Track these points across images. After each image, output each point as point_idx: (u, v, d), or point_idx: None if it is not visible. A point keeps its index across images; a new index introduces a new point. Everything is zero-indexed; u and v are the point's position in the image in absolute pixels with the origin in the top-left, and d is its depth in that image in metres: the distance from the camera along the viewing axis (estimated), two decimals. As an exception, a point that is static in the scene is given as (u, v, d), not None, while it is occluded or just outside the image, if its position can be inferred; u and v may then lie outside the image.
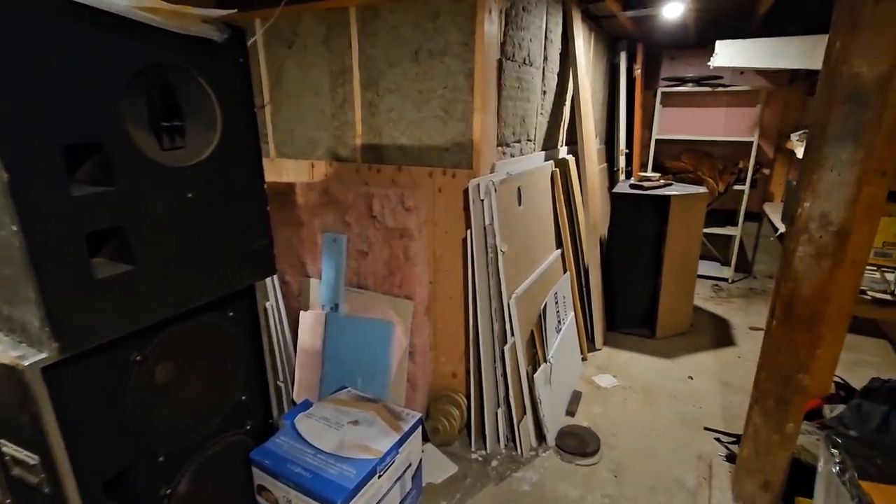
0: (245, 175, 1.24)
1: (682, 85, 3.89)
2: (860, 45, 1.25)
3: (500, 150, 2.03)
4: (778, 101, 3.88)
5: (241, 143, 1.21)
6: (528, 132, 2.32)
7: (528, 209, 2.20)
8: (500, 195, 1.89)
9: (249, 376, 1.46)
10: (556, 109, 2.68)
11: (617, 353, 2.89)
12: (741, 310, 3.57)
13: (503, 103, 1.97)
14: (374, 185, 2.05)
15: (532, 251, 2.24)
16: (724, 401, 2.43)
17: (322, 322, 2.06)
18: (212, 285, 1.20)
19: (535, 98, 2.31)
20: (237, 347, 1.39)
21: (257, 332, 1.46)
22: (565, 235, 2.64)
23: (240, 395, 1.43)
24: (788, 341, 1.52)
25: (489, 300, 1.92)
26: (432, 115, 1.88)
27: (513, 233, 2.02)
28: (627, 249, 3.03)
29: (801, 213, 1.41)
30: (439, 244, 1.98)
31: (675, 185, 3.19)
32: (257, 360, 1.48)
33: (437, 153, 1.92)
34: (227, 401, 1.39)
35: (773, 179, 4.07)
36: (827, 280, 1.42)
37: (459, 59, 1.78)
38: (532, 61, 2.19)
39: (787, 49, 2.88)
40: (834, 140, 1.33)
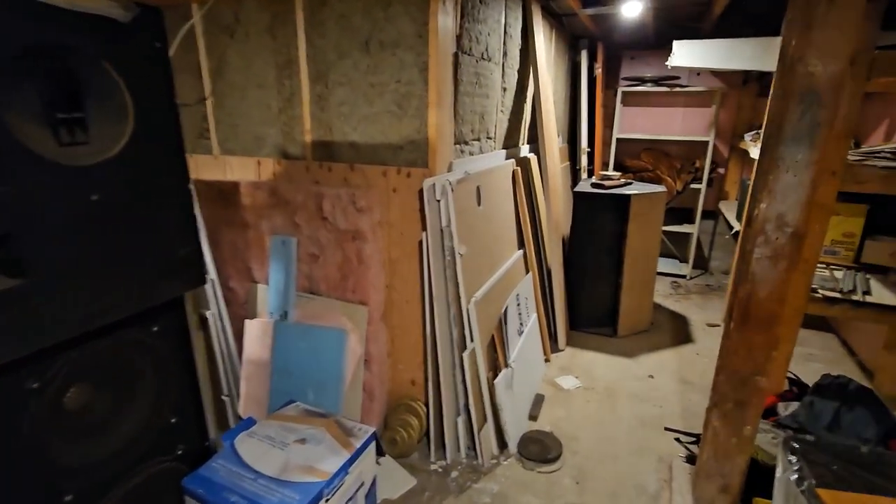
0: (166, 173, 1.11)
1: (642, 85, 3.93)
2: (815, 44, 1.23)
3: (457, 148, 1.94)
4: (732, 101, 3.97)
5: (159, 138, 1.07)
6: (488, 129, 2.25)
7: (489, 209, 2.13)
8: (457, 195, 1.81)
9: (181, 396, 1.32)
10: (517, 107, 2.62)
11: (580, 354, 2.87)
12: (699, 306, 3.63)
13: (460, 99, 1.89)
14: (325, 184, 1.93)
15: (493, 252, 2.17)
16: (683, 399, 2.44)
17: (270, 331, 1.92)
18: (127, 299, 1.06)
19: (494, 94, 2.24)
20: (164, 365, 1.25)
21: (188, 348, 1.32)
22: (527, 235, 2.59)
23: (169, 417, 1.29)
24: (746, 344, 1.51)
25: (447, 305, 1.84)
26: (385, 110, 1.78)
27: (472, 234, 1.95)
28: (589, 248, 3.02)
29: (757, 214, 1.39)
30: (395, 247, 1.88)
31: (636, 184, 3.20)
32: (189, 377, 1.35)
33: (391, 151, 1.82)
34: (153, 425, 1.25)
35: (727, 178, 4.17)
36: (783, 281, 1.41)
37: (413, 52, 1.68)
38: (491, 56, 2.12)
39: (740, 50, 2.92)
40: (789, 140, 1.31)
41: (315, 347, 1.86)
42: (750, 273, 1.45)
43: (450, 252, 1.80)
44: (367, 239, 1.83)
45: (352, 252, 1.86)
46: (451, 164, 1.88)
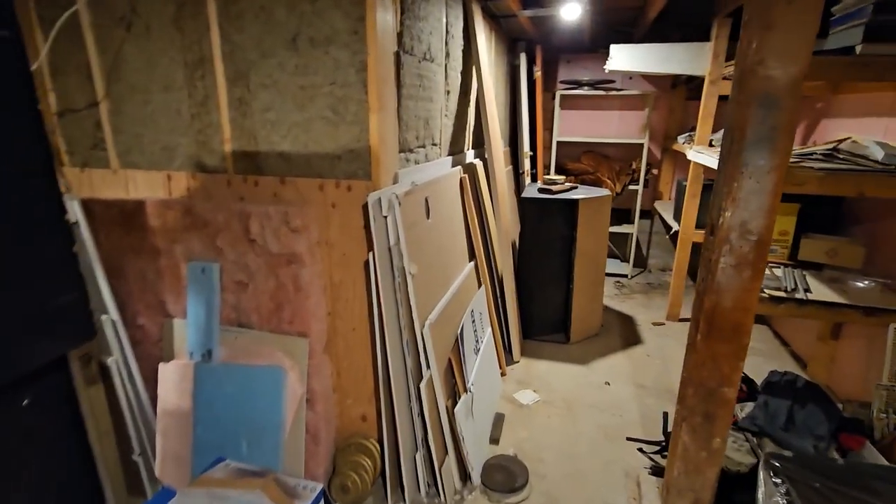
0: (27, 201, 0.84)
1: (579, 88, 3.95)
2: (774, 46, 1.19)
3: (402, 156, 1.77)
4: (663, 105, 4.11)
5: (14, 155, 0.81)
6: (433, 136, 2.09)
7: (438, 222, 1.97)
8: (405, 209, 1.63)
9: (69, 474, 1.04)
10: (461, 110, 2.49)
11: (535, 364, 2.79)
12: (643, 305, 3.69)
13: (404, 103, 1.72)
14: (252, 201, 1.68)
15: (445, 268, 2.02)
16: (640, 405, 2.42)
17: (190, 374, 1.64)
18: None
19: (438, 98, 2.09)
20: (44, 444, 0.97)
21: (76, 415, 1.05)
22: (478, 246, 2.46)
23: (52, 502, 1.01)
24: (712, 355, 1.46)
25: (399, 331, 1.66)
26: (319, 115, 1.57)
27: (423, 250, 1.78)
28: (539, 255, 2.95)
29: (722, 222, 1.34)
30: (337, 269, 1.67)
31: (581, 187, 3.18)
32: (80, 451, 1.07)
33: (327, 162, 1.61)
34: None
35: (661, 179, 4.31)
36: (748, 290, 1.37)
37: (348, 50, 1.49)
38: (433, 57, 1.97)
39: (673, 55, 2.99)
40: (751, 146, 1.26)
41: (247, 390, 1.60)
42: (715, 283, 1.40)
43: (400, 272, 1.62)
44: (305, 262, 1.60)
45: (287, 278, 1.63)
46: (397, 175, 1.70)
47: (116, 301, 1.61)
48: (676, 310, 3.39)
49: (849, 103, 2.57)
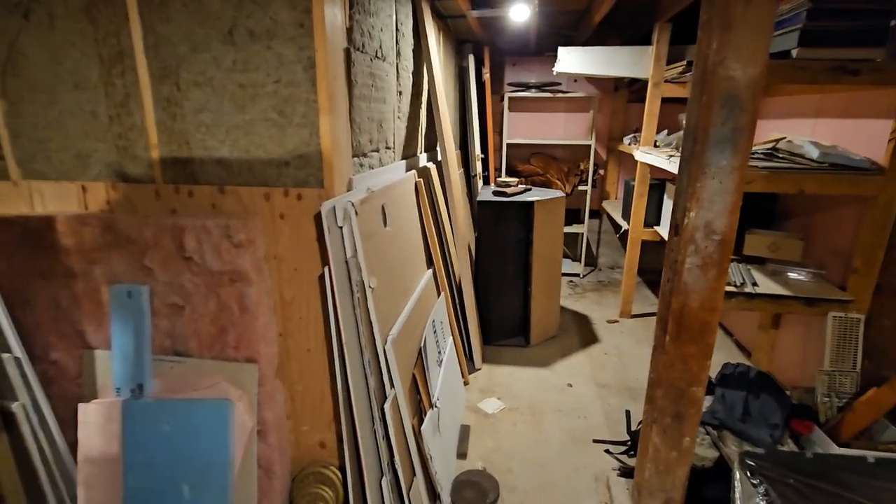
0: None
1: (527, 90, 3.97)
2: (734, 47, 1.19)
3: (356, 161, 1.65)
4: (606, 107, 4.22)
5: None
6: (387, 139, 1.98)
7: (396, 230, 1.86)
8: (362, 218, 1.51)
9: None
10: (414, 112, 2.39)
11: (497, 370, 2.74)
12: (596, 304, 3.76)
13: (356, 104, 1.60)
14: (187, 213, 1.49)
15: (405, 278, 1.91)
16: (603, 405, 2.43)
17: (118, 414, 1.43)
18: None
19: (391, 99, 1.98)
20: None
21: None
22: (436, 253, 2.37)
23: None
24: (681, 356, 1.45)
25: (359, 349, 1.53)
26: (263, 117, 1.42)
27: (382, 261, 1.67)
28: (496, 259, 2.91)
29: (686, 223, 1.34)
30: (288, 286, 1.52)
31: (534, 189, 3.17)
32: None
33: (274, 168, 1.46)
34: None
35: (607, 179, 4.43)
36: (714, 290, 1.38)
37: (294, 45, 1.35)
38: (385, 55, 1.86)
39: (618, 58, 3.05)
40: (714, 146, 1.27)
41: (187, 428, 1.42)
42: (682, 283, 1.39)
43: (358, 287, 1.50)
44: (251, 280, 1.44)
45: (231, 298, 1.46)
46: (351, 181, 1.57)
47: (22, 335, 1.38)
48: (628, 307, 3.47)
49: (779, 105, 2.73)
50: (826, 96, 2.32)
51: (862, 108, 2.07)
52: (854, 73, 1.80)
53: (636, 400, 2.47)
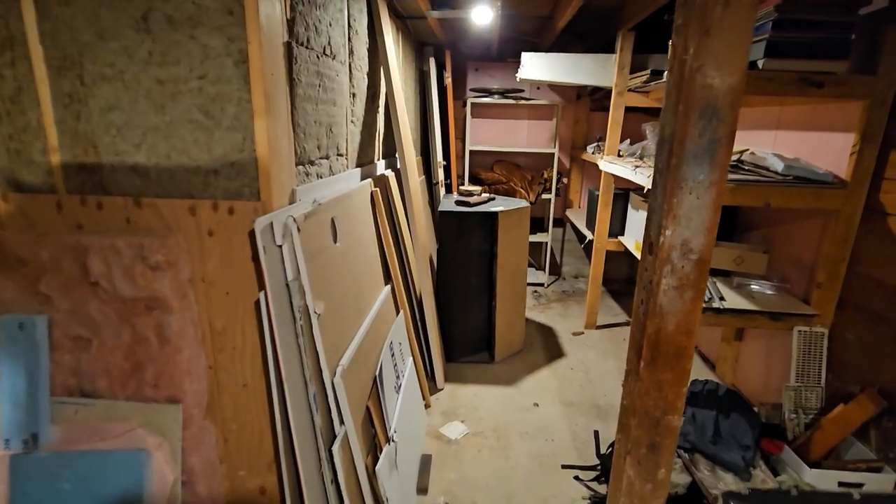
0: None
1: (490, 96, 3.87)
2: (712, 53, 1.10)
3: (301, 170, 1.47)
4: (569, 115, 4.18)
5: None
6: (338, 145, 1.80)
7: (349, 245, 1.69)
8: (306, 234, 1.33)
9: None
10: (370, 117, 2.22)
11: (460, 390, 2.59)
12: (561, 315, 3.69)
13: (300, 106, 1.42)
14: (95, 230, 1.27)
15: (358, 298, 1.73)
16: (571, 425, 2.32)
17: (5, 472, 1.18)
18: None
19: (343, 101, 1.81)
20: None
21: None
22: (394, 267, 2.20)
23: None
24: (657, 383, 1.35)
25: (304, 384, 1.35)
26: (186, 118, 1.22)
27: (331, 282, 1.49)
28: (459, 271, 2.77)
29: (662, 241, 1.23)
30: (219, 312, 1.32)
31: (498, 198, 3.06)
32: None
33: (200, 177, 1.26)
34: None
35: (570, 187, 4.39)
36: (690, 312, 1.28)
37: (222, 35, 1.16)
38: (335, 53, 1.69)
39: (582, 65, 3.00)
40: (691, 159, 1.17)
41: (92, 486, 1.19)
42: (657, 306, 1.29)
43: (302, 312, 1.32)
44: (171, 307, 1.23)
45: (148, 328, 1.25)
46: (294, 193, 1.39)
47: None
48: (593, 318, 3.41)
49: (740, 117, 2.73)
50: (786, 108, 2.32)
51: (822, 121, 2.07)
52: (819, 85, 1.78)
53: (604, 419, 2.39)
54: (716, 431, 1.88)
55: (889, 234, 1.76)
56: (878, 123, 1.77)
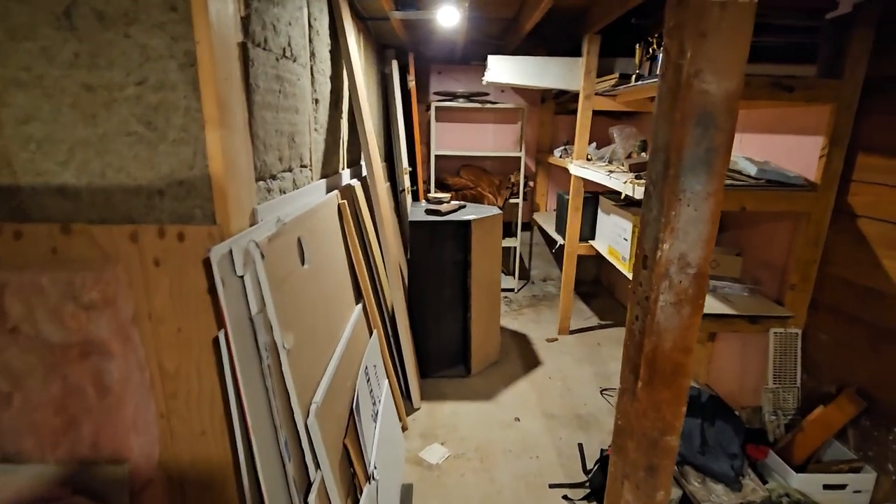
0: None
1: (455, 100, 3.78)
2: (709, 58, 1.04)
3: (261, 185, 1.31)
4: (534, 118, 4.15)
5: None
6: (302, 155, 1.65)
7: (317, 265, 1.54)
8: (271, 260, 1.18)
9: None
10: (333, 123, 2.07)
11: (438, 408, 2.47)
12: (533, 321, 3.64)
13: (259, 114, 1.26)
14: (12, 264, 1.06)
15: (329, 322, 1.58)
16: (554, 439, 2.25)
17: None
18: None
19: (305, 108, 1.66)
20: None
21: None
22: (365, 284, 2.06)
23: None
24: (654, 403, 1.29)
25: (274, 429, 1.19)
26: (123, 131, 1.04)
27: (300, 310, 1.34)
28: (432, 283, 2.65)
29: (660, 256, 1.17)
30: (170, 353, 1.14)
31: (469, 205, 2.97)
32: None
33: (143, 199, 1.08)
34: None
35: (537, 191, 4.36)
36: (688, 328, 1.22)
37: (164, 34, 1.00)
38: (296, 55, 1.54)
39: (549, 69, 2.95)
40: (688, 169, 1.11)
41: (17, 575, 0.99)
42: (655, 323, 1.23)
43: (269, 349, 1.16)
44: (112, 352, 1.05)
45: (83, 377, 1.06)
46: (255, 212, 1.23)
47: None
48: (566, 323, 3.38)
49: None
50: (750, 112, 2.35)
51: (789, 124, 2.09)
52: (789, 89, 1.79)
53: (586, 430, 2.33)
54: (703, 441, 1.85)
55: (858, 236, 1.79)
56: (845, 126, 1.80)
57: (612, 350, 3.16)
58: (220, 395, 1.17)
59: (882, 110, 1.71)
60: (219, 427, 1.19)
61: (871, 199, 1.75)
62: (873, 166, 1.74)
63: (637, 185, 2.01)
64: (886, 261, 1.69)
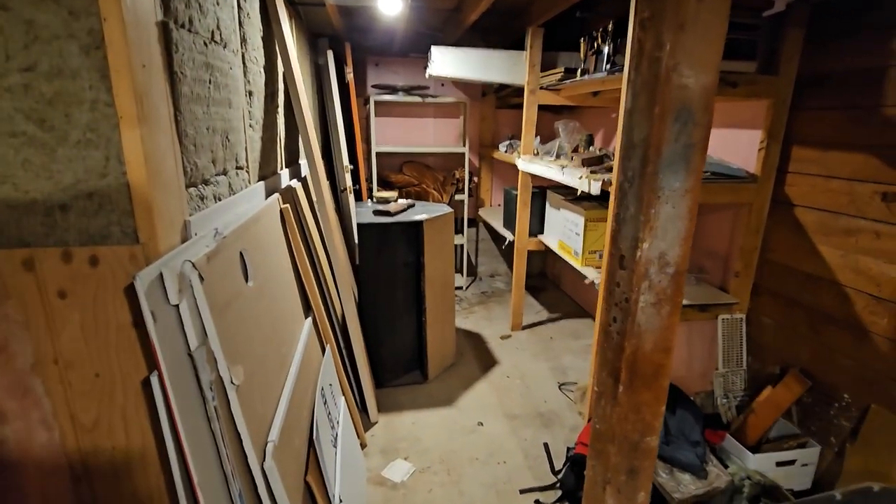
0: None
1: (394, 94, 3.63)
2: (687, 51, 1.00)
3: (194, 192, 1.11)
4: (475, 112, 4.10)
5: None
6: (238, 155, 1.44)
7: (262, 280, 1.35)
8: (211, 282, 1.00)
9: None
10: (270, 118, 1.86)
11: (397, 420, 2.34)
12: (485, 319, 3.60)
13: (187, 108, 1.06)
14: None
15: (280, 344, 1.41)
16: (519, 441, 2.21)
17: None
18: None
19: (239, 102, 1.45)
20: None
21: None
22: (314, 295, 1.88)
23: None
24: (634, 406, 1.25)
25: (224, 479, 1.01)
26: (6, 131, 0.82)
27: (248, 335, 1.16)
28: (383, 287, 2.51)
29: (639, 256, 1.13)
30: (85, 402, 0.93)
31: (417, 204, 2.85)
32: None
33: (38, 216, 0.86)
34: None
35: (481, 186, 4.32)
36: (667, 328, 1.20)
37: (60, 8, 0.79)
38: (226, 40, 1.33)
39: (494, 62, 2.89)
40: (667, 166, 1.07)
41: None
42: (636, 325, 1.19)
43: (215, 387, 0.98)
44: (5, 412, 0.83)
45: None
46: (188, 225, 1.04)
47: None
48: (519, 319, 3.37)
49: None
50: (689, 107, 2.42)
51: (728, 119, 2.18)
52: (733, 84, 1.85)
53: (549, 427, 2.31)
54: (666, 431, 1.88)
55: (796, 224, 1.90)
56: (780, 121, 1.89)
57: (564, 343, 3.19)
58: (154, 447, 0.97)
59: (812, 105, 1.81)
60: (156, 489, 0.99)
61: (807, 189, 1.85)
62: (807, 158, 1.84)
63: (593, 181, 2.00)
64: (822, 247, 1.80)
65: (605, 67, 2.25)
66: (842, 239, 1.72)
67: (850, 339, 1.71)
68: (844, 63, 1.68)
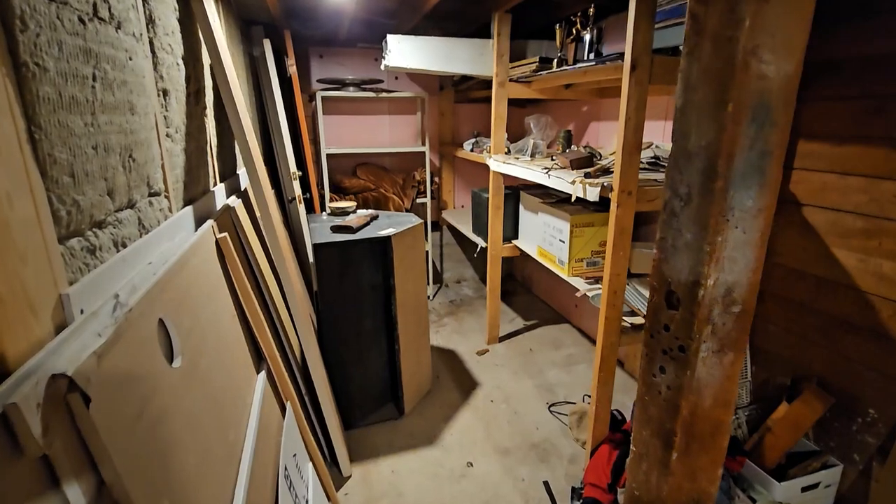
0: None
1: (343, 89, 3.24)
2: (770, 27, 0.75)
3: (73, 247, 0.73)
4: (433, 108, 3.78)
5: None
6: (150, 177, 1.06)
7: (195, 345, 0.99)
8: (108, 396, 0.64)
9: None
10: (195, 124, 1.46)
11: (373, 470, 2.02)
12: (458, 332, 3.32)
13: (52, 120, 0.69)
14: None
15: (227, 430, 1.05)
16: (515, 482, 1.95)
17: None
18: None
19: (147, 103, 1.06)
20: None
21: None
22: (267, 342, 1.51)
23: None
24: (690, 473, 1.02)
25: None
26: None
27: (177, 449, 0.80)
28: (348, 315, 2.16)
29: (702, 295, 0.88)
30: None
31: (381, 216, 2.51)
32: None
33: None
34: None
35: (443, 187, 4.03)
36: (730, 378, 0.96)
37: None
38: (119, 18, 0.94)
39: (457, 51, 2.59)
40: (739, 180, 0.82)
41: None
42: (695, 379, 0.95)
43: (123, 557, 0.63)
44: None
45: None
46: (66, 302, 0.67)
47: None
48: (495, 332, 3.12)
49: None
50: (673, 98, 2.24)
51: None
52: (739, 74, 1.66)
53: (546, 461, 2.08)
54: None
55: (805, 225, 1.75)
56: (784, 113, 1.72)
57: (546, 354, 2.98)
58: None
59: (823, 96, 1.65)
60: None
61: (816, 186, 1.70)
62: (815, 153, 1.69)
63: (589, 187, 1.75)
64: (837, 250, 1.66)
65: (589, 56, 2.02)
66: (861, 241, 1.58)
67: (874, 350, 1.57)
68: (860, 48, 1.53)
